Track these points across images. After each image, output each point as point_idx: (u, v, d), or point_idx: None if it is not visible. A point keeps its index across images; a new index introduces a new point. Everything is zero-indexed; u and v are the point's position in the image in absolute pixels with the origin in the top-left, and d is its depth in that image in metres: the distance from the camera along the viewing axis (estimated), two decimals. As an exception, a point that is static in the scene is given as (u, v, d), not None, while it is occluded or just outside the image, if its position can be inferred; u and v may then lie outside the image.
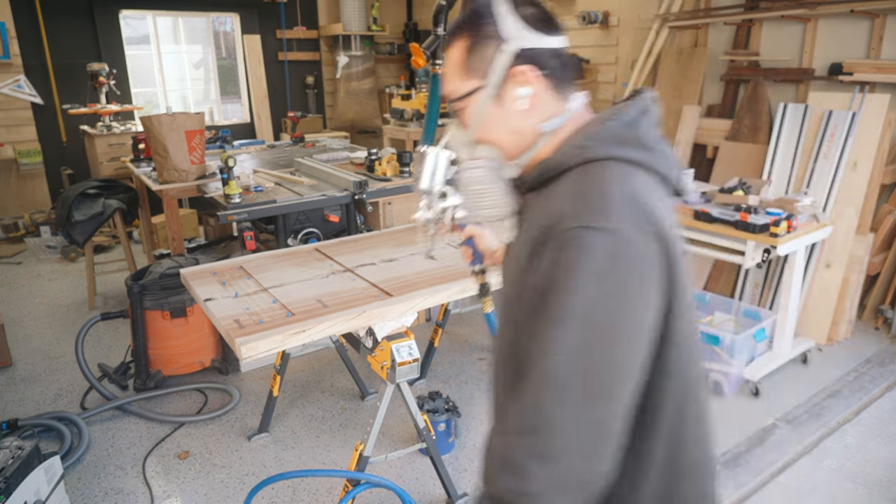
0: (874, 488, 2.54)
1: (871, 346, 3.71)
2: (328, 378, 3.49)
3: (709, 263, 4.31)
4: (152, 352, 3.34)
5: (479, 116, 1.06)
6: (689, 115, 4.65)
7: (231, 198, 3.29)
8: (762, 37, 4.54)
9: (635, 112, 1.02)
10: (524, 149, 1.07)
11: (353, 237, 2.88)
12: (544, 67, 1.02)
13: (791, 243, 3.07)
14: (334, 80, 7.82)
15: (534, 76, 1.02)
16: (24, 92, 6.01)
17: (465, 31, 1.04)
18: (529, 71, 1.01)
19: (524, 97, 1.03)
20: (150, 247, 5.11)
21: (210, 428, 3.04)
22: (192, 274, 2.39)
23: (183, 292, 3.29)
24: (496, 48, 1.01)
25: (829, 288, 3.70)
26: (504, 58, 1.01)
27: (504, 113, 1.05)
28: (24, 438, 2.56)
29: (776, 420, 3.01)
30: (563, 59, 1.05)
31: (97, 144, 5.83)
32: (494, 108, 1.05)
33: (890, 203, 3.91)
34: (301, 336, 1.89)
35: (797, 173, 3.92)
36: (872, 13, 3.85)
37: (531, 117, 1.04)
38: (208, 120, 7.07)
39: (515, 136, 1.06)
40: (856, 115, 3.70)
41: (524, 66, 1.01)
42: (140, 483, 2.64)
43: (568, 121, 1.05)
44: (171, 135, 3.69)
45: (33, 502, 2.18)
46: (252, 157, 4.83)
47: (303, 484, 2.62)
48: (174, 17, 7.09)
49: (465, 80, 1.05)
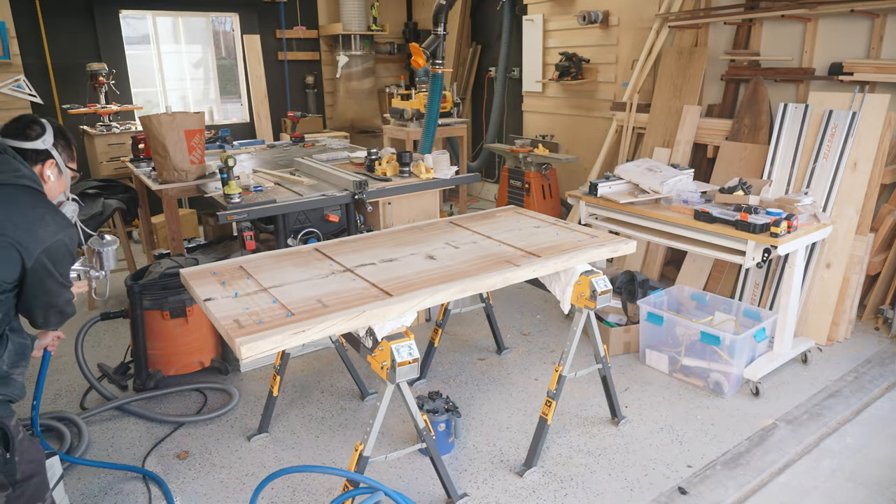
0: (874, 488, 2.54)
1: (871, 346, 3.71)
2: (328, 378, 3.49)
3: (709, 263, 4.31)
4: (152, 352, 3.34)
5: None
6: (689, 114, 4.65)
7: (231, 198, 3.29)
8: (762, 36, 4.54)
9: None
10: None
11: (353, 237, 2.88)
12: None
13: (791, 243, 3.07)
14: (334, 80, 7.82)
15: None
16: (23, 92, 6.00)
17: None
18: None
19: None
20: (150, 247, 5.11)
21: (210, 428, 3.04)
22: (191, 274, 2.39)
23: (183, 292, 3.29)
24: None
25: (829, 288, 3.70)
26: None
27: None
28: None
29: (776, 420, 3.01)
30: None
31: (97, 144, 5.83)
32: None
33: (890, 203, 3.91)
34: (301, 336, 1.88)
35: (797, 173, 3.92)
36: (872, 13, 3.84)
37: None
38: (208, 120, 7.06)
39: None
40: (856, 115, 3.70)
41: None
42: (140, 483, 2.64)
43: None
44: (170, 134, 3.69)
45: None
46: (252, 157, 4.83)
47: (302, 484, 2.62)
48: (174, 16, 7.08)
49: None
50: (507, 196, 5.92)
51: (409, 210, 3.91)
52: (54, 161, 2.06)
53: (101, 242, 2.43)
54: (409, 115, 6.18)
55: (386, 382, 2.13)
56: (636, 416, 3.07)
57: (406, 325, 2.14)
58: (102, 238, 2.46)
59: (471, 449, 2.85)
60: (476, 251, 2.60)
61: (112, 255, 2.45)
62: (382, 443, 2.88)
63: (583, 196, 3.77)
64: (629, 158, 5.15)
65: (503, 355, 3.73)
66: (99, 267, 2.45)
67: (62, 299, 2.04)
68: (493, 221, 3.08)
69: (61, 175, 2.11)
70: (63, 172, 2.11)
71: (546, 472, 2.67)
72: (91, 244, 2.44)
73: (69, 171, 2.15)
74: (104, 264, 2.45)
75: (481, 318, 4.18)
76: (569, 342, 2.65)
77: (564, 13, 6.17)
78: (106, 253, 2.43)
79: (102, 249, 2.42)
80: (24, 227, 1.83)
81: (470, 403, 3.21)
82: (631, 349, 3.72)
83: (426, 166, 3.89)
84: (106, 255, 2.43)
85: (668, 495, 2.51)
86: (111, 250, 2.45)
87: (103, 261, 2.44)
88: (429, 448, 2.35)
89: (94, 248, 2.43)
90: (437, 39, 4.89)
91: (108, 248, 2.44)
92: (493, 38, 7.37)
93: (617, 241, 2.71)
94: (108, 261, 2.45)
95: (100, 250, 2.42)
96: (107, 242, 2.45)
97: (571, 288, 2.62)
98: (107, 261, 2.45)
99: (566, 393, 3.28)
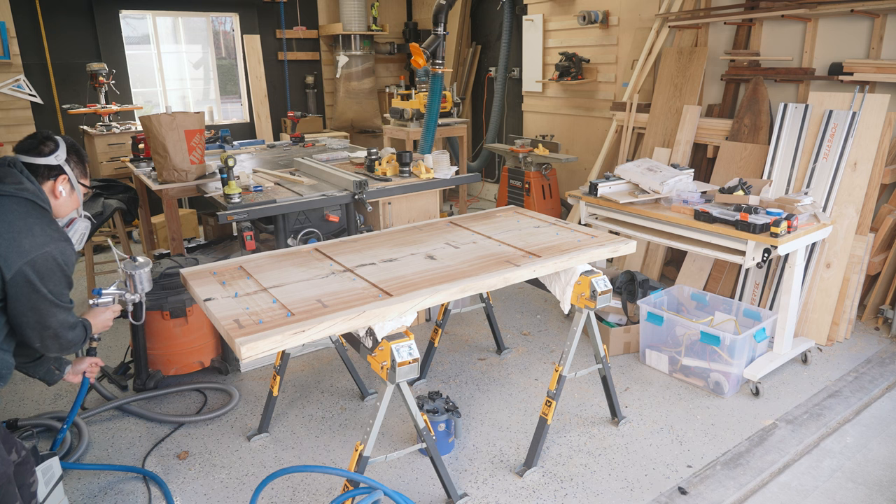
0: (874, 488, 2.54)
1: (871, 346, 3.71)
2: (328, 378, 3.49)
3: (709, 263, 4.31)
4: (152, 352, 3.34)
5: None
6: (689, 114, 4.65)
7: (231, 198, 3.29)
8: (762, 36, 4.54)
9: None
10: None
11: (352, 237, 2.88)
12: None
13: (791, 243, 3.07)
14: (334, 80, 7.82)
15: None
16: (23, 92, 6.00)
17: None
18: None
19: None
20: (150, 247, 5.11)
21: (210, 428, 3.04)
22: (191, 274, 2.39)
23: (182, 292, 3.29)
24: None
25: (829, 288, 3.70)
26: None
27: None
28: (23, 439, 2.56)
29: (776, 420, 3.01)
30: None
31: (97, 144, 5.83)
32: None
33: (890, 203, 3.90)
34: (301, 336, 1.88)
35: (797, 173, 3.92)
36: (872, 13, 3.84)
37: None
38: (208, 120, 7.07)
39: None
40: (856, 115, 3.70)
41: None
42: (139, 483, 2.64)
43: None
44: (170, 134, 3.69)
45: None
46: (252, 157, 4.83)
47: (302, 484, 2.62)
48: (174, 16, 7.08)
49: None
50: (507, 196, 5.92)
51: (409, 210, 3.91)
52: (66, 177, 2.08)
53: (133, 265, 2.41)
54: (409, 115, 6.18)
55: (386, 382, 2.13)
56: (636, 416, 3.07)
57: (406, 325, 2.14)
58: (135, 260, 2.43)
59: (471, 449, 2.85)
60: (476, 251, 2.60)
61: (146, 277, 2.43)
62: (382, 443, 2.88)
63: (583, 196, 3.77)
64: (629, 158, 5.15)
65: (503, 355, 3.73)
66: (133, 290, 2.42)
67: (55, 321, 1.95)
68: (493, 221, 3.08)
69: (73, 191, 2.12)
70: (75, 188, 2.13)
71: (546, 472, 2.67)
72: (124, 267, 2.41)
73: (82, 188, 2.16)
74: (137, 287, 2.42)
75: (481, 318, 4.18)
76: (569, 342, 2.65)
77: (564, 13, 6.17)
78: (139, 275, 2.41)
79: (135, 272, 2.40)
80: (6, 237, 1.82)
81: (470, 403, 3.21)
82: (631, 349, 3.72)
83: (426, 166, 3.89)
84: (139, 277, 2.41)
85: (668, 495, 2.51)
86: (144, 272, 2.42)
87: (136, 283, 2.41)
88: (429, 448, 2.35)
89: (127, 272, 2.40)
90: (437, 39, 4.89)
91: (140, 271, 2.41)
92: (493, 38, 7.37)
93: (617, 241, 2.71)
94: (141, 283, 2.42)
95: (132, 273, 2.40)
96: (139, 265, 2.41)
97: (571, 288, 2.62)
98: (140, 283, 2.42)
99: (566, 393, 3.28)
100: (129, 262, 2.42)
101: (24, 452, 2.03)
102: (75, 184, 2.12)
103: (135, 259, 2.44)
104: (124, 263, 2.42)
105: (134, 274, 2.40)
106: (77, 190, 2.13)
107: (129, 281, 2.41)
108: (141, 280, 2.42)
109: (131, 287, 2.42)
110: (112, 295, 2.38)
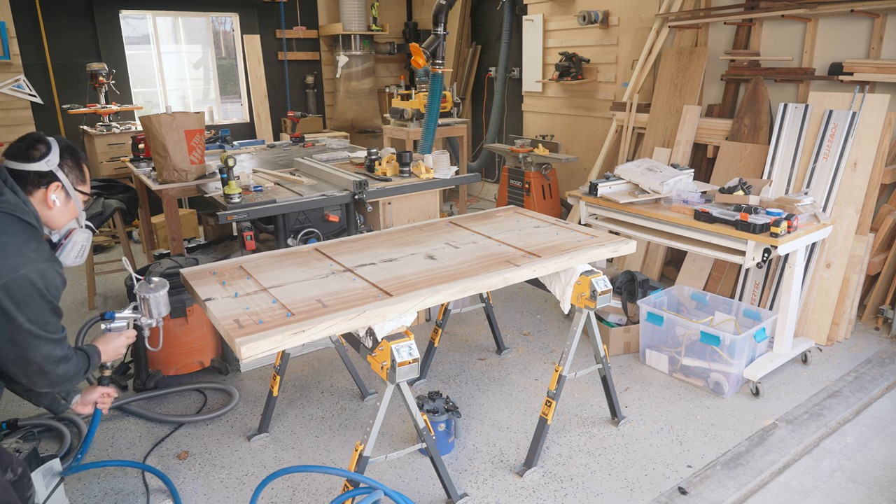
0: (874, 488, 2.54)
1: (871, 346, 3.71)
2: (328, 378, 3.49)
3: (709, 263, 4.31)
4: (152, 352, 3.34)
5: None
6: (689, 114, 4.65)
7: (231, 198, 3.29)
8: (762, 36, 4.54)
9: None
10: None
11: (352, 237, 2.88)
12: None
13: (791, 243, 3.07)
14: (334, 80, 7.82)
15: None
16: (23, 92, 6.00)
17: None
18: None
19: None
20: (150, 247, 5.11)
21: (210, 428, 3.04)
22: (191, 274, 2.39)
23: (183, 292, 3.29)
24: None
25: (829, 288, 3.70)
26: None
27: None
28: (24, 439, 2.56)
29: (776, 420, 3.01)
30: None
31: (97, 144, 5.84)
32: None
33: (890, 203, 3.91)
34: (301, 336, 1.88)
35: (797, 173, 3.92)
36: (872, 13, 3.84)
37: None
38: (208, 120, 7.07)
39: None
40: (856, 115, 3.70)
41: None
42: (139, 483, 2.64)
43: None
44: (170, 134, 3.69)
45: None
46: (252, 157, 4.83)
47: (302, 484, 2.62)
48: (174, 16, 7.08)
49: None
50: (507, 196, 5.92)
51: (409, 210, 3.91)
52: (60, 184, 1.85)
53: (148, 288, 2.19)
54: (409, 115, 6.18)
55: (386, 382, 2.13)
56: (636, 416, 3.07)
57: (406, 325, 2.14)
58: (150, 282, 2.21)
59: (471, 449, 2.85)
60: (476, 251, 2.60)
61: (163, 301, 2.20)
62: (382, 443, 2.88)
63: (583, 196, 3.77)
64: (629, 158, 5.15)
65: (503, 355, 3.73)
66: (149, 315, 2.19)
67: (38, 355, 1.71)
68: (493, 221, 3.08)
69: (69, 199, 1.90)
70: (71, 196, 1.90)
71: (546, 472, 2.67)
72: (138, 290, 2.19)
73: (80, 195, 1.94)
74: (153, 312, 2.19)
75: (481, 318, 4.18)
76: (569, 342, 2.65)
77: (564, 13, 6.17)
78: (155, 299, 2.18)
79: (149, 295, 2.17)
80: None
81: (470, 403, 3.21)
82: (631, 349, 3.72)
83: (426, 166, 3.89)
84: (155, 301, 2.18)
85: (668, 495, 2.51)
86: (160, 295, 2.19)
87: (152, 308, 2.18)
88: (429, 448, 2.35)
89: (141, 295, 2.18)
90: (437, 39, 4.89)
91: (156, 294, 2.19)
92: (493, 38, 7.37)
93: (617, 241, 2.71)
94: (157, 307, 2.19)
95: (146, 296, 2.17)
96: (154, 287, 2.20)
97: (571, 288, 2.62)
98: (156, 307, 2.19)
99: (566, 393, 3.28)
100: (144, 285, 2.21)
101: (21, 469, 1.92)
102: (71, 191, 1.89)
103: (150, 281, 2.22)
104: (138, 286, 2.21)
105: (149, 297, 2.18)
106: (74, 198, 1.91)
107: (144, 305, 2.19)
108: (157, 304, 2.20)
109: (146, 311, 2.19)
110: (126, 319, 2.18)
